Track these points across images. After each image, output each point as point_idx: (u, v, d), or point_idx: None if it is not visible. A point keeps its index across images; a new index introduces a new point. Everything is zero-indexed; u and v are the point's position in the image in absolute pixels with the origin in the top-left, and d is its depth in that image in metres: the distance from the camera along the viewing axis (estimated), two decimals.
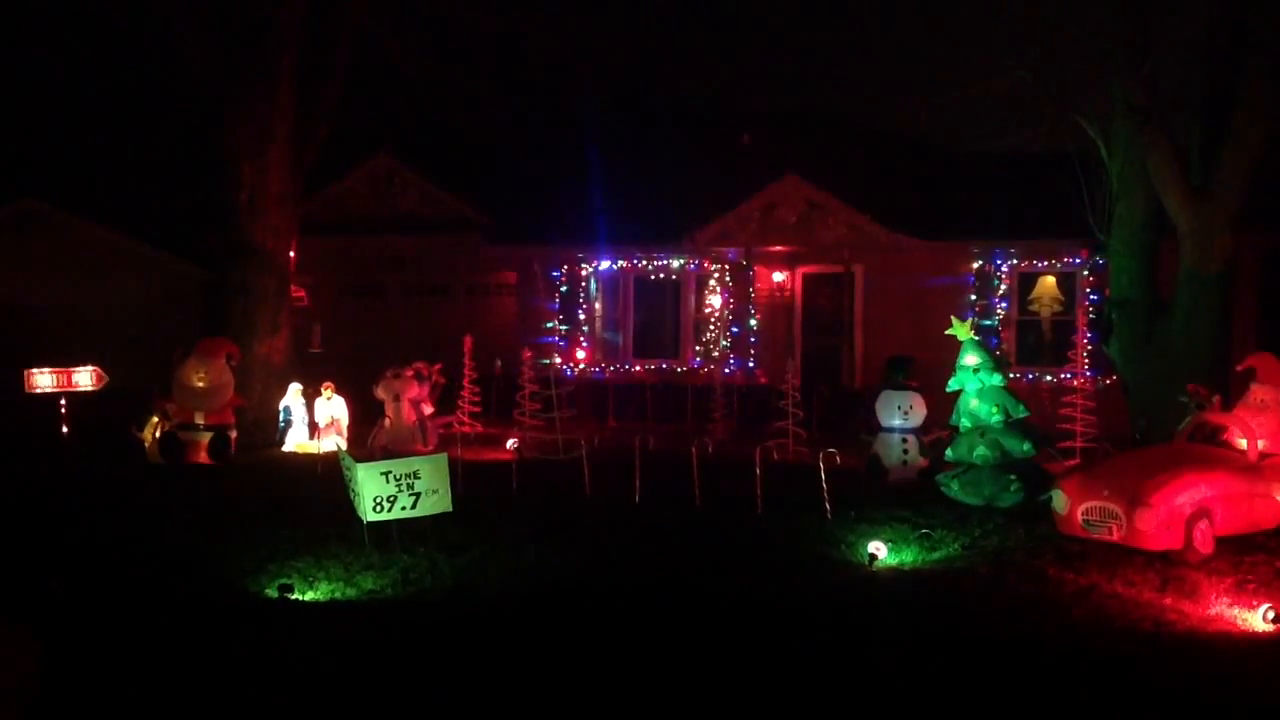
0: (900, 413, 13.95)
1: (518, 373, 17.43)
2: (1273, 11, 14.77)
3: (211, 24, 17.80)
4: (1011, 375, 12.89)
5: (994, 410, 12.33)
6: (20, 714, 5.25)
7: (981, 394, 12.51)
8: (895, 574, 9.45)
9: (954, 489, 12.32)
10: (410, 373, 16.70)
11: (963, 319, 13.38)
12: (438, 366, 17.68)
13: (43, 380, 17.76)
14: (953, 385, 12.86)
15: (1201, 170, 15.31)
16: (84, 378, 17.93)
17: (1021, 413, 12.42)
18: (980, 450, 12.24)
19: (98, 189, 29.85)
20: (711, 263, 22.26)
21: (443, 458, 10.23)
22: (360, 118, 25.45)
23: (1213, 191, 15.02)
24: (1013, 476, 12.01)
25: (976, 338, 12.89)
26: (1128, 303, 16.00)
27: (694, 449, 12.60)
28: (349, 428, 16.98)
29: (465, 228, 23.26)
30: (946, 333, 13.06)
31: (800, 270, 22.16)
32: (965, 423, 12.58)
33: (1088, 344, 15.83)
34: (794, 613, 8.29)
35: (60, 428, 17.53)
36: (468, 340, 18.97)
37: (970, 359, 12.63)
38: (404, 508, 9.88)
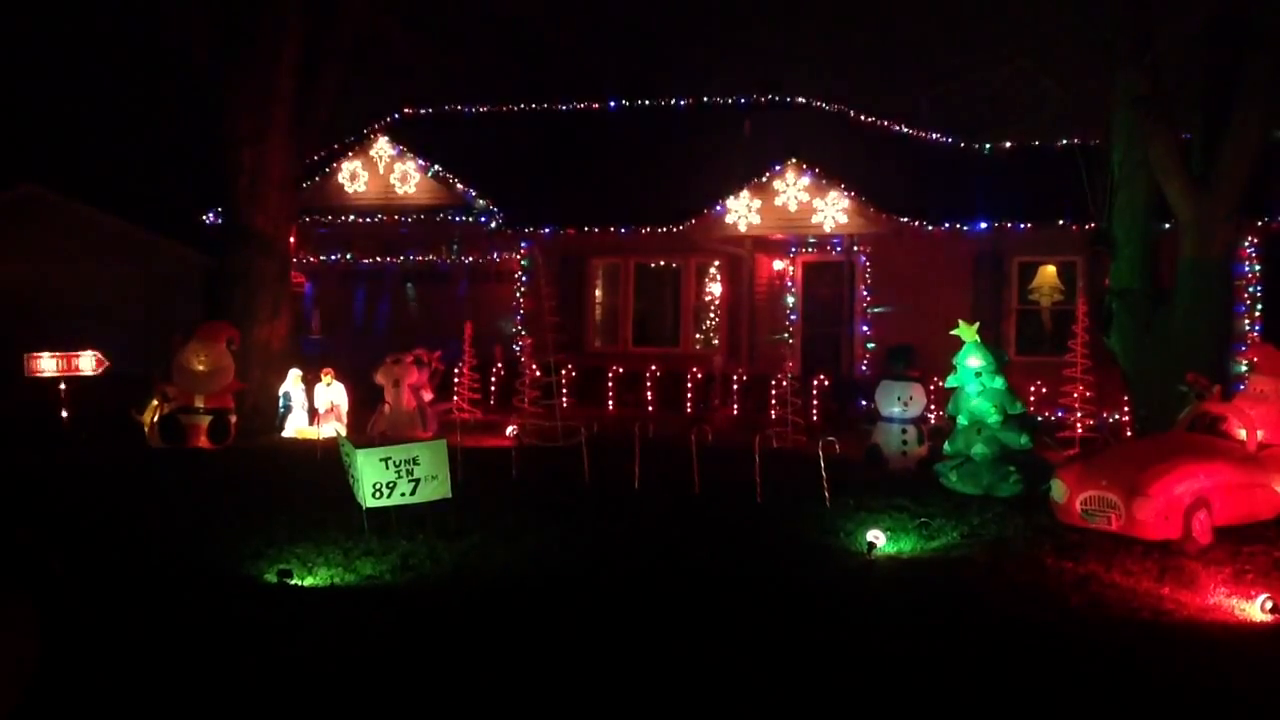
0: (900, 403, 13.96)
1: (518, 359, 17.42)
2: (1274, 3, 14.75)
3: (212, 9, 17.77)
4: (1007, 361, 12.83)
5: (993, 410, 12.29)
6: (22, 687, 5.28)
7: (982, 393, 12.47)
8: (894, 562, 9.46)
9: (952, 480, 12.32)
10: (410, 359, 16.71)
11: (964, 312, 13.35)
12: (437, 353, 17.68)
13: (43, 364, 17.80)
14: (952, 382, 12.83)
15: (1203, 160, 15.29)
16: (84, 362, 17.98)
17: (1018, 409, 12.39)
18: (979, 448, 12.21)
19: (99, 174, 29.86)
20: (712, 251, 22.25)
21: (442, 444, 10.23)
22: (362, 102, 25.44)
23: (1214, 181, 15.01)
24: (1011, 467, 12.00)
25: (980, 340, 12.83)
26: (1128, 292, 15.98)
27: (693, 436, 12.61)
28: (349, 414, 16.99)
29: (467, 214, 23.24)
30: (952, 333, 13.03)
31: (800, 258, 22.15)
32: (963, 420, 12.55)
33: (1088, 334, 15.80)
34: (792, 600, 8.30)
35: (60, 411, 17.57)
36: (468, 327, 18.98)
37: (973, 361, 12.56)
38: (403, 494, 9.89)
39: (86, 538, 10.05)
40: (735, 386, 19.83)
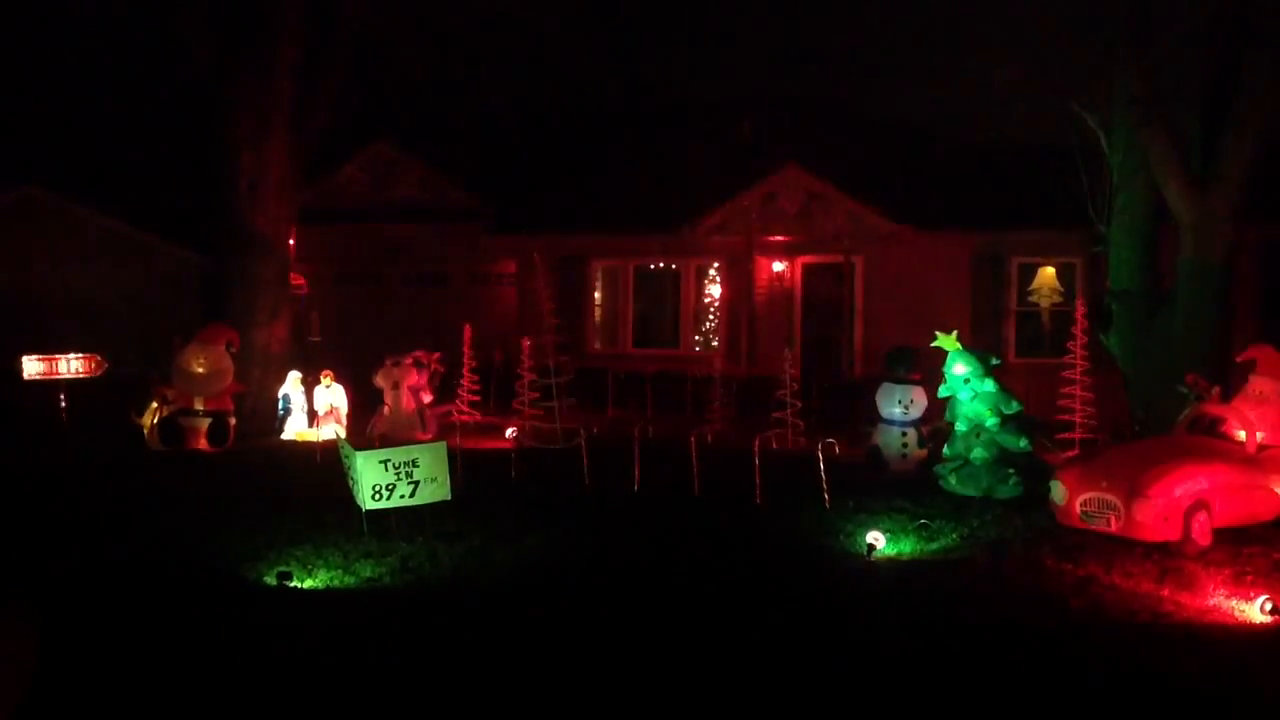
0: (901, 406, 13.95)
1: (517, 362, 17.42)
2: (1273, 4, 14.75)
3: (213, 12, 17.77)
4: (995, 362, 12.80)
5: (989, 412, 12.27)
6: (23, 687, 5.28)
7: (975, 398, 12.46)
8: (893, 564, 9.46)
9: (952, 482, 12.31)
10: (410, 360, 16.69)
11: (963, 313, 13.33)
12: (437, 355, 17.66)
13: (41, 366, 17.82)
14: (944, 392, 12.84)
15: (1202, 161, 15.28)
16: (82, 364, 17.99)
17: (1014, 408, 12.37)
18: (978, 452, 12.19)
19: (99, 176, 29.85)
20: (711, 252, 22.26)
21: (441, 446, 10.24)
22: (361, 105, 25.43)
23: (1213, 182, 15.00)
24: (1011, 470, 11.99)
25: (962, 346, 12.82)
26: (1128, 294, 15.98)
27: (693, 438, 12.61)
28: (348, 416, 16.97)
29: (465, 216, 23.27)
30: (933, 345, 13.03)
31: (800, 260, 22.15)
32: (961, 426, 12.54)
33: (1087, 335, 15.80)
34: (792, 601, 8.30)
35: (60, 414, 17.59)
36: (467, 329, 18.96)
37: (959, 368, 12.54)
38: (403, 496, 9.89)
39: (86, 539, 10.06)
40: (735, 388, 19.82)
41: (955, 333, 13.03)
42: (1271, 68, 14.56)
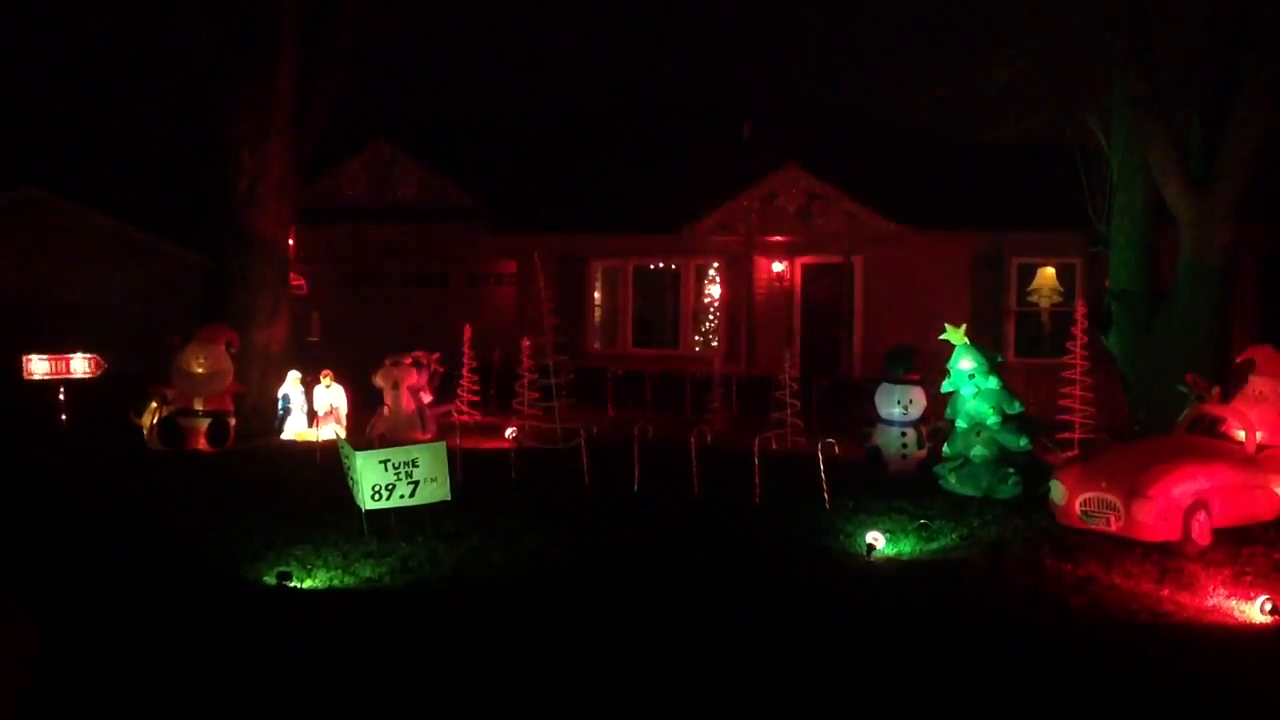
0: (900, 406, 13.94)
1: (517, 361, 17.42)
2: (1272, 5, 14.75)
3: (212, 11, 17.77)
4: (999, 360, 12.81)
5: (990, 411, 12.27)
6: (22, 688, 5.29)
7: (977, 395, 12.46)
8: (893, 564, 9.46)
9: (951, 482, 12.31)
10: (409, 361, 16.68)
11: (963, 313, 13.32)
12: (436, 355, 17.66)
13: (41, 366, 17.83)
14: (947, 387, 12.83)
15: (1202, 162, 15.28)
16: (81, 364, 18.01)
17: (1016, 409, 12.37)
18: (978, 449, 12.20)
19: (99, 176, 29.86)
20: (711, 252, 22.26)
21: (441, 446, 10.24)
22: (360, 105, 25.46)
23: (1213, 183, 15.00)
24: (1011, 469, 11.99)
25: (969, 342, 12.81)
26: (1127, 294, 15.98)
27: (693, 438, 12.61)
28: (348, 416, 16.96)
29: (465, 216, 23.28)
30: (941, 338, 13.03)
31: (800, 260, 22.16)
32: (962, 423, 12.54)
33: (1086, 335, 15.80)
34: (791, 602, 8.30)
35: (59, 414, 17.59)
36: (467, 329, 18.97)
37: (965, 363, 12.55)
38: (402, 496, 9.89)
39: (86, 539, 10.06)
40: (735, 388, 19.83)
41: (964, 326, 13.02)
42: (1271, 68, 14.56)
